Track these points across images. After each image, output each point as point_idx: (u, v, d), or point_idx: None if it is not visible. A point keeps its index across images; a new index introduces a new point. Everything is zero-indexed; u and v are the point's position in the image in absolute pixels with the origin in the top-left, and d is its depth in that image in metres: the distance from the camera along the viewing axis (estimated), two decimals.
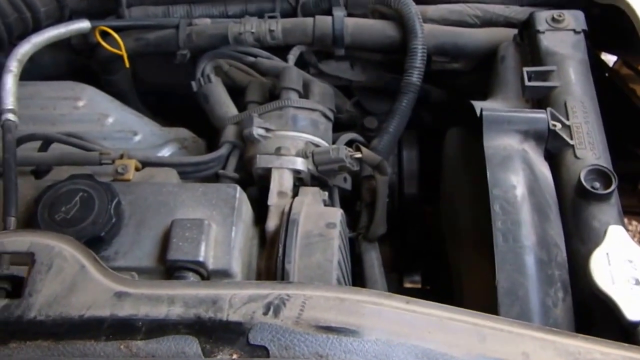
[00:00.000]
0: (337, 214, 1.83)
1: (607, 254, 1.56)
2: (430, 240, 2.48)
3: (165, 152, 2.22)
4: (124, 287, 1.38)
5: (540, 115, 1.86)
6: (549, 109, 1.88)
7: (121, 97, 2.45)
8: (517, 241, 1.66)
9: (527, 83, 1.97)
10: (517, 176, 1.76)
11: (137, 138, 2.25)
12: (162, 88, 2.75)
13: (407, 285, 2.56)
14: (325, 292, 1.35)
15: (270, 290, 1.34)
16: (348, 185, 2.18)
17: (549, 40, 2.09)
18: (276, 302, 1.31)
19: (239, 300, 1.33)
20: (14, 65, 1.95)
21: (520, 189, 1.74)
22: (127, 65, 2.42)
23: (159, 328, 1.30)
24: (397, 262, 2.42)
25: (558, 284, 1.63)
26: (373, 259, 2.18)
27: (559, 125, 1.85)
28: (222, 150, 2.11)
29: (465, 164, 2.10)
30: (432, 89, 2.47)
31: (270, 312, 1.30)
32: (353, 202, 2.24)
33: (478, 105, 1.95)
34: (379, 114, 2.50)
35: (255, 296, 1.33)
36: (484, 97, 2.11)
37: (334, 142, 2.19)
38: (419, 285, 2.58)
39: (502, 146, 1.81)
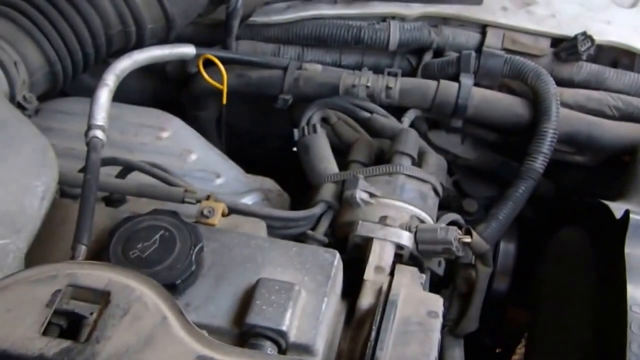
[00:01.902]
0: (439, 302, 1.64)
1: None
2: (511, 343, 2.30)
3: (247, 201, 2.07)
4: (210, 351, 1.21)
5: None
6: None
7: (206, 135, 2.32)
8: None
9: None
10: None
11: (219, 181, 2.13)
12: (248, 134, 2.65)
13: None
14: None
15: None
16: (441, 270, 1.99)
17: None
18: None
19: None
20: (110, 80, 1.83)
21: None
22: (225, 101, 2.30)
23: None
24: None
25: None
26: (456, 357, 2.03)
27: None
28: (316, 210, 1.95)
29: (580, 268, 1.91)
30: (542, 180, 2.28)
31: None
32: (438, 288, 2.04)
33: (615, 207, 1.76)
34: (477, 197, 2.34)
35: None
36: (603, 197, 1.92)
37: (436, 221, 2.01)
38: None
39: None
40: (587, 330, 1.77)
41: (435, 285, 2.01)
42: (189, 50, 2.17)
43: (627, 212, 1.68)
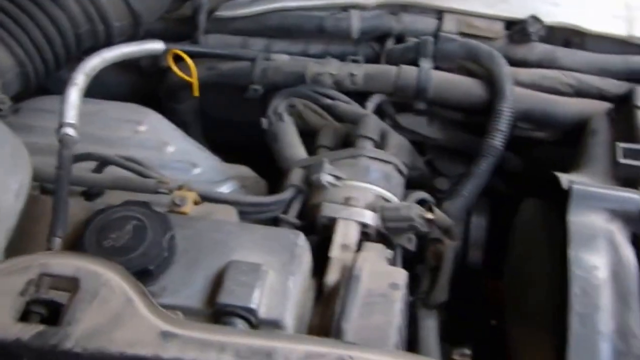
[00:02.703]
0: (402, 275, 1.73)
1: None
2: (487, 312, 2.37)
3: (225, 189, 2.14)
4: (172, 327, 1.29)
5: (634, 196, 1.76)
6: None
7: (184, 127, 2.39)
8: (594, 327, 1.56)
9: (620, 160, 1.88)
10: (601, 258, 1.66)
11: (197, 171, 2.18)
12: (226, 123, 2.68)
13: (456, 357, 2.45)
14: (390, 358, 1.27)
15: (331, 349, 1.26)
16: (412, 246, 2.04)
17: None
18: None
19: (295, 356, 1.24)
20: (80, 79, 1.89)
21: (602, 272, 1.64)
22: (196, 94, 2.36)
23: None
24: (447, 332, 2.28)
25: None
26: (430, 327, 2.08)
27: None
28: (286, 194, 2.01)
29: (540, 237, 1.98)
30: (510, 156, 2.36)
31: None
32: (413, 265, 2.10)
33: (564, 177, 1.84)
34: (451, 176, 2.40)
35: (314, 353, 1.24)
36: (564, 170, 2.00)
37: (403, 200, 2.08)
38: (469, 359, 2.47)
39: (587, 224, 1.71)
40: (542, 297, 1.85)
41: (411, 261, 2.07)
42: (157, 46, 2.22)
43: (570, 183, 1.76)
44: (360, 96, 2.34)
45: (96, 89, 2.03)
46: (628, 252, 1.71)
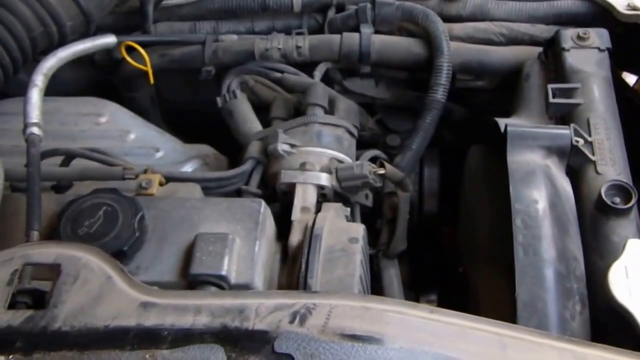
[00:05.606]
0: (359, 229, 1.82)
1: (626, 267, 1.58)
2: (447, 258, 2.47)
3: (187, 169, 2.22)
4: (150, 297, 1.37)
5: (564, 131, 1.87)
6: (572, 125, 1.88)
7: (143, 114, 2.46)
8: (537, 255, 1.66)
9: (551, 100, 1.98)
10: (539, 191, 1.77)
11: (159, 154, 2.25)
12: (185, 105, 2.76)
13: (423, 303, 2.54)
14: (350, 301, 1.34)
15: (297, 300, 1.33)
16: (369, 202, 2.17)
17: (573, 58, 2.10)
18: (302, 310, 1.30)
19: (265, 309, 1.32)
20: (39, 80, 1.94)
21: (542, 204, 1.74)
22: (152, 81, 2.43)
23: (184, 337, 1.29)
24: (413, 280, 2.41)
25: (576, 297, 1.64)
26: (392, 275, 2.19)
27: (581, 142, 1.86)
28: (246, 166, 2.11)
29: (486, 180, 2.10)
30: (455, 107, 2.48)
31: (296, 321, 1.28)
32: (373, 219, 2.23)
33: (502, 122, 1.95)
34: (402, 132, 2.50)
35: (282, 305, 1.32)
36: (506, 115, 2.11)
37: (357, 159, 2.18)
38: (435, 304, 2.56)
39: (525, 161, 1.82)
40: (493, 236, 1.97)
41: (370, 216, 2.19)
42: (110, 40, 2.28)
43: (506, 125, 1.87)
44: (308, 66, 2.42)
45: (55, 88, 2.09)
46: (564, 183, 1.83)
